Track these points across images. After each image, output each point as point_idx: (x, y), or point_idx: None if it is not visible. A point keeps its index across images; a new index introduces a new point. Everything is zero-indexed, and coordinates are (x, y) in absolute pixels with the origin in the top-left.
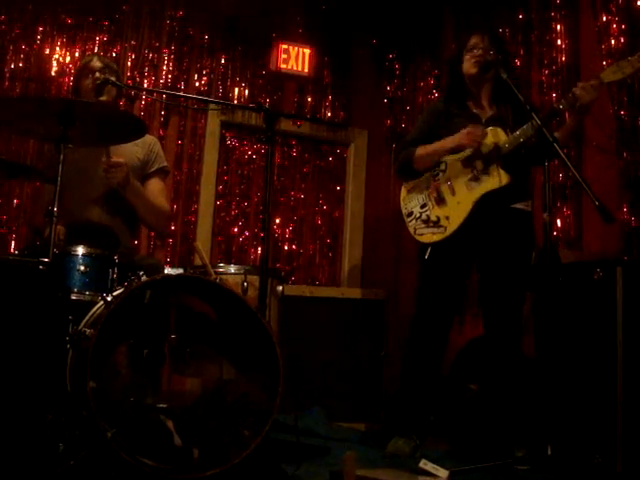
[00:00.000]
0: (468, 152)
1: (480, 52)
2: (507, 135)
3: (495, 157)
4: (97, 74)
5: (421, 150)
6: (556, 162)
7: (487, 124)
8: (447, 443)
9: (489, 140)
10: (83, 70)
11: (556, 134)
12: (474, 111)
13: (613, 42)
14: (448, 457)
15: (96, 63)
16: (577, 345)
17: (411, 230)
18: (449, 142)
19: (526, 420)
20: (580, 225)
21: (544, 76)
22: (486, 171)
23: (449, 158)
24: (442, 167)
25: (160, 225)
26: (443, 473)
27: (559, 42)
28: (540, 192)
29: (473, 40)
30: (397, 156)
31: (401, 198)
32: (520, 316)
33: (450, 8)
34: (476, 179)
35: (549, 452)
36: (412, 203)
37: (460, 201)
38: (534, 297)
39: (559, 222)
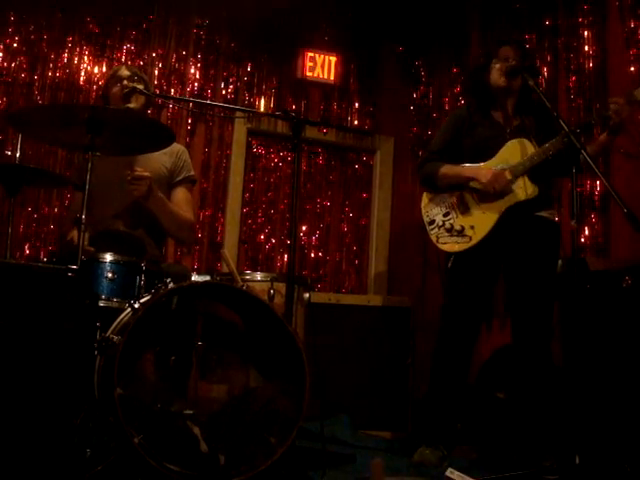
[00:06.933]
0: (494, 163)
1: (513, 63)
2: (535, 146)
3: (523, 169)
4: (125, 82)
5: (445, 170)
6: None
7: (512, 135)
8: (475, 452)
9: (517, 152)
10: (112, 79)
11: (588, 146)
12: (498, 121)
13: None
14: (475, 466)
15: (124, 72)
16: (605, 353)
17: (433, 238)
18: (472, 174)
19: (554, 429)
20: (608, 233)
21: (571, 82)
22: (513, 182)
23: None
24: None
25: (183, 235)
26: None
27: (586, 48)
28: (568, 199)
29: (504, 51)
30: (422, 166)
31: (422, 205)
32: (549, 324)
33: (476, 15)
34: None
35: (577, 461)
36: (434, 211)
37: (486, 211)
38: (562, 305)
39: (587, 230)
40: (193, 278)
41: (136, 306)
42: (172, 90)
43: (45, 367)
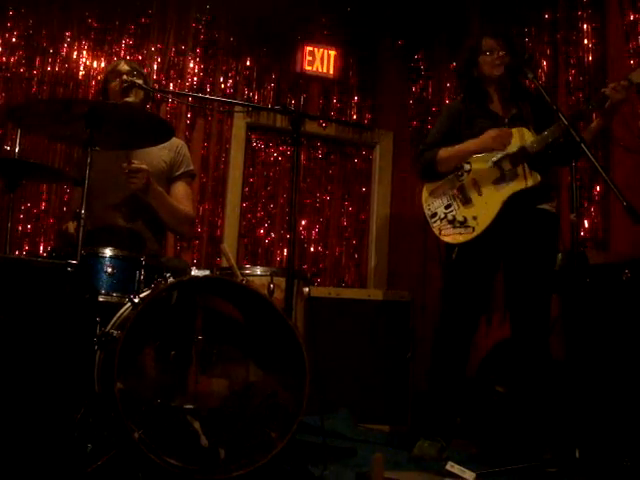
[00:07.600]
0: (495, 153)
1: (503, 54)
2: (533, 134)
3: (522, 157)
4: (124, 76)
5: (444, 152)
6: (583, 162)
7: (510, 124)
8: (474, 445)
9: (516, 140)
10: (111, 73)
11: (583, 134)
12: (495, 111)
13: None
14: (475, 460)
15: (124, 66)
16: (606, 347)
17: (436, 231)
18: (473, 144)
19: (554, 423)
20: (608, 226)
21: (571, 76)
22: (514, 171)
23: (474, 158)
24: (466, 167)
25: (183, 229)
26: (470, 476)
27: (586, 41)
28: (567, 193)
29: (488, 43)
30: (419, 158)
31: (423, 199)
32: (547, 317)
33: (476, 8)
34: (504, 179)
35: (577, 455)
36: (435, 204)
37: (488, 201)
38: (562, 299)
39: (587, 223)
40: (193, 272)
41: (136, 301)
42: (171, 84)
43: (45, 362)
